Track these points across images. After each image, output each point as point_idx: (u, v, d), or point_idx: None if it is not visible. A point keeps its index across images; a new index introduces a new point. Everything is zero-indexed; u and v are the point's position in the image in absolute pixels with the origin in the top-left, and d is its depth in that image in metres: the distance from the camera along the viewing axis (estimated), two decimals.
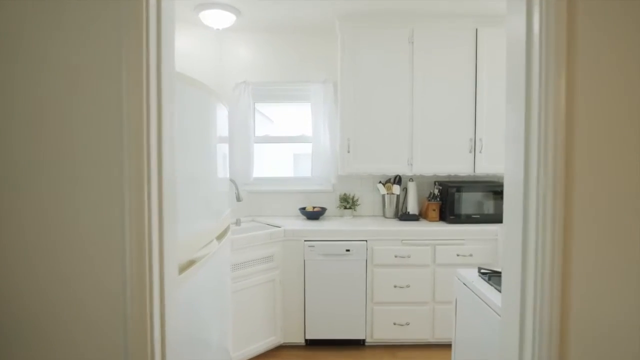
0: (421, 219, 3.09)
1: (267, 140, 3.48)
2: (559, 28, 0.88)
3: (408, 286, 2.71)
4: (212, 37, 3.13)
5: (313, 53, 3.23)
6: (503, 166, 3.21)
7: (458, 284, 1.85)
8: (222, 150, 1.95)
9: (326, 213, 3.20)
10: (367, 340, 2.76)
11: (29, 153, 0.87)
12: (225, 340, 2.00)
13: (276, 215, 3.27)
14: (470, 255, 2.70)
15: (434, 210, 3.02)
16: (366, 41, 2.90)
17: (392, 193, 3.13)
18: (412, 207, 3.07)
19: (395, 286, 2.71)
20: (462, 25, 2.87)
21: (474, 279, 1.71)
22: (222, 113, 1.92)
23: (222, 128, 1.93)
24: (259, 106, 3.51)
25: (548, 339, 0.83)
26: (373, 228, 2.77)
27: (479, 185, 2.95)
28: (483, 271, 1.76)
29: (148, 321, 0.86)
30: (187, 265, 1.31)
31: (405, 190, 3.17)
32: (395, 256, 2.70)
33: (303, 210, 3.14)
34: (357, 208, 3.26)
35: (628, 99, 0.91)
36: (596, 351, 0.89)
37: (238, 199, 2.86)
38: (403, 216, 3.07)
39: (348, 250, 2.69)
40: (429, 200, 3.05)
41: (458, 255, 2.70)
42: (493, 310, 1.48)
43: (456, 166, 2.96)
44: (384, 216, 3.20)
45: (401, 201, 3.20)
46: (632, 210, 0.89)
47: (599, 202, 0.89)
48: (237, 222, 3.00)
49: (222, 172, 1.94)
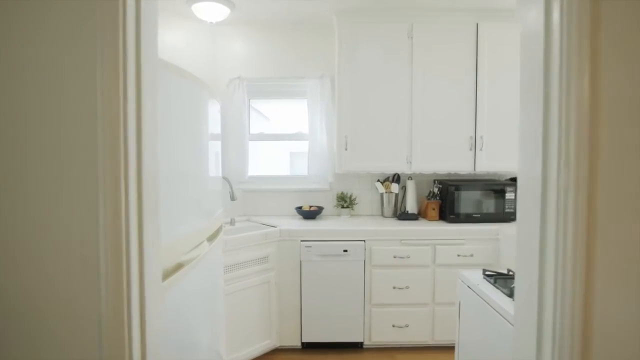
0: (420, 218, 3.02)
1: (263, 137, 3.39)
2: (582, 16, 0.80)
3: (407, 287, 2.64)
4: (206, 31, 3.04)
5: (310, 48, 3.14)
6: (504, 164, 3.09)
7: (461, 286, 1.79)
8: (215, 147, 1.86)
9: (323, 212, 3.12)
10: (365, 343, 2.68)
11: None
12: (217, 345, 1.91)
13: (272, 214, 3.19)
14: (471, 255, 2.63)
15: (434, 209, 2.94)
16: (364, 36, 2.83)
17: (391, 192, 3.05)
18: (411, 206, 3.00)
19: (394, 287, 2.63)
20: (463, 19, 2.80)
21: (479, 282, 1.65)
22: (215, 108, 1.83)
23: (215, 124, 1.84)
24: (255, 104, 3.43)
25: (569, 352, 0.75)
26: (371, 228, 2.70)
27: (480, 183, 2.88)
28: (488, 273, 1.70)
29: (126, 331, 0.78)
30: (175, 268, 1.22)
31: (404, 188, 3.09)
32: (394, 256, 2.62)
33: (299, 209, 3.05)
34: (355, 207, 3.18)
35: None
36: None
37: (232, 198, 2.78)
38: (402, 215, 2.99)
39: (345, 250, 2.61)
40: (429, 199, 2.98)
41: (458, 255, 2.63)
42: (499, 314, 1.44)
43: (456, 164, 2.89)
44: (383, 215, 3.12)
45: (400, 200, 3.13)
46: None
47: (624, 199, 0.81)
48: (232, 222, 2.92)
49: (214, 170, 1.85)
